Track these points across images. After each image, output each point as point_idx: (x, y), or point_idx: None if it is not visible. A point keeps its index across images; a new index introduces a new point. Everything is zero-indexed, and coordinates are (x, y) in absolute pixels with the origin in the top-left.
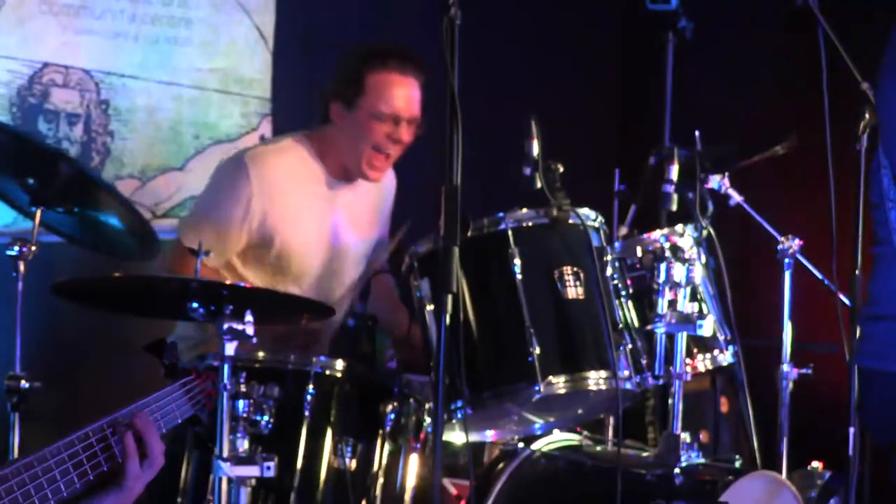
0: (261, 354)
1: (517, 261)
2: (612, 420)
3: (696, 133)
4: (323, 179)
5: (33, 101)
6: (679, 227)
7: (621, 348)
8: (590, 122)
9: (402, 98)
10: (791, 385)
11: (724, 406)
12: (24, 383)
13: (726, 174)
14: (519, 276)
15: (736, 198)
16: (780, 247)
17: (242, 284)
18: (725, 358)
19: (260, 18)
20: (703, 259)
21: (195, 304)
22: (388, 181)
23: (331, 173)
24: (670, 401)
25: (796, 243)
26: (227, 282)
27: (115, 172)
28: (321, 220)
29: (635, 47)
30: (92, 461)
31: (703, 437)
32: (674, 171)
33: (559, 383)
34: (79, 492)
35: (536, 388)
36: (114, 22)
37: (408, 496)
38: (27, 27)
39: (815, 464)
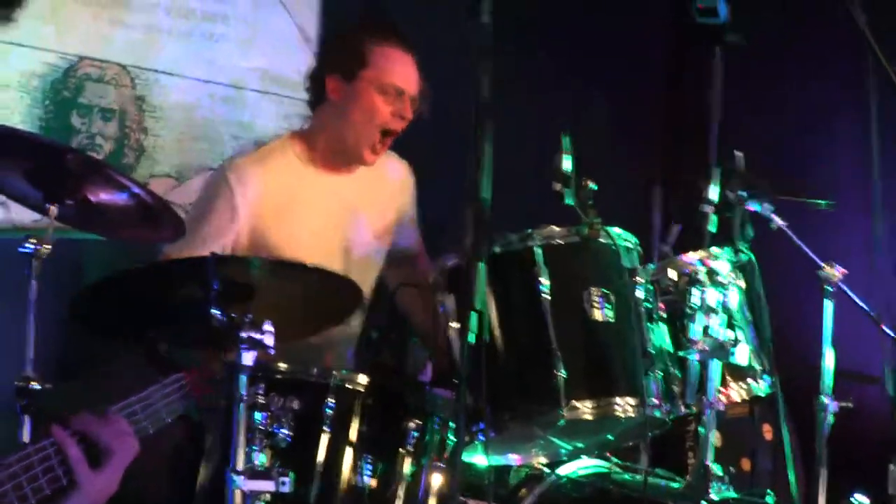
0: (282, 365)
1: (544, 280)
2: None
3: (738, 154)
4: (316, 178)
5: (67, 95)
6: (716, 250)
7: (651, 374)
8: (634, 136)
9: (406, 73)
10: (831, 417)
11: (767, 434)
12: (34, 385)
13: (769, 198)
14: (546, 296)
15: (778, 222)
16: (821, 273)
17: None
18: (761, 388)
19: (302, 17)
20: (742, 284)
21: (216, 311)
22: (400, 170)
23: (325, 167)
24: (701, 430)
25: (839, 271)
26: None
27: (150, 170)
28: (328, 224)
29: (683, 61)
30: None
31: (744, 464)
32: (713, 192)
33: (584, 408)
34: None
35: (560, 412)
36: (149, 15)
37: None
38: (60, 16)
39: (860, 498)
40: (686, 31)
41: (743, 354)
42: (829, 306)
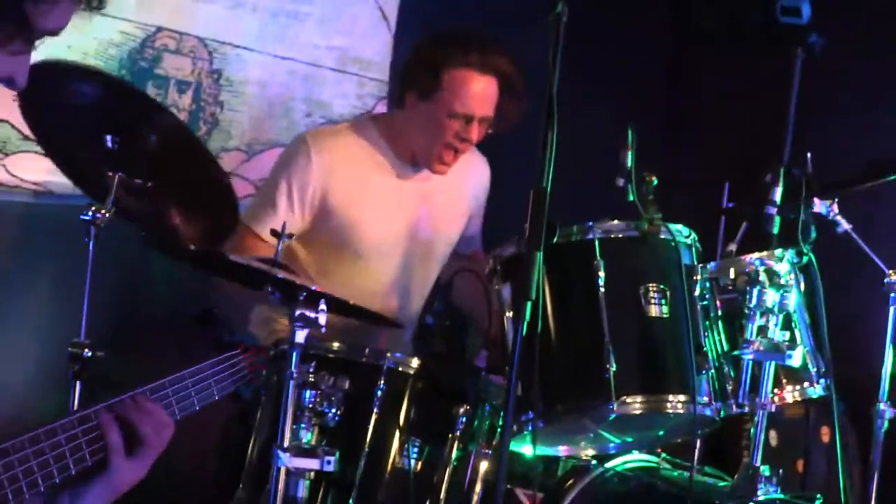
0: (335, 345)
1: (602, 273)
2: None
3: (808, 155)
4: (388, 163)
5: (144, 66)
6: (778, 252)
7: (704, 372)
8: (705, 133)
9: (478, 97)
10: (886, 424)
11: (824, 436)
12: (87, 352)
13: (835, 200)
14: (602, 290)
15: (844, 225)
16: (886, 280)
17: (314, 288)
18: (816, 391)
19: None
20: (802, 286)
21: (270, 289)
22: (479, 172)
23: (399, 156)
24: (752, 430)
25: None
26: (298, 280)
27: (222, 144)
28: (396, 209)
29: (762, 60)
30: (76, 454)
31: (799, 465)
32: (777, 193)
33: (634, 403)
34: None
35: (611, 406)
36: None
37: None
38: None
39: None
40: (774, 31)
41: (798, 356)
42: (892, 312)
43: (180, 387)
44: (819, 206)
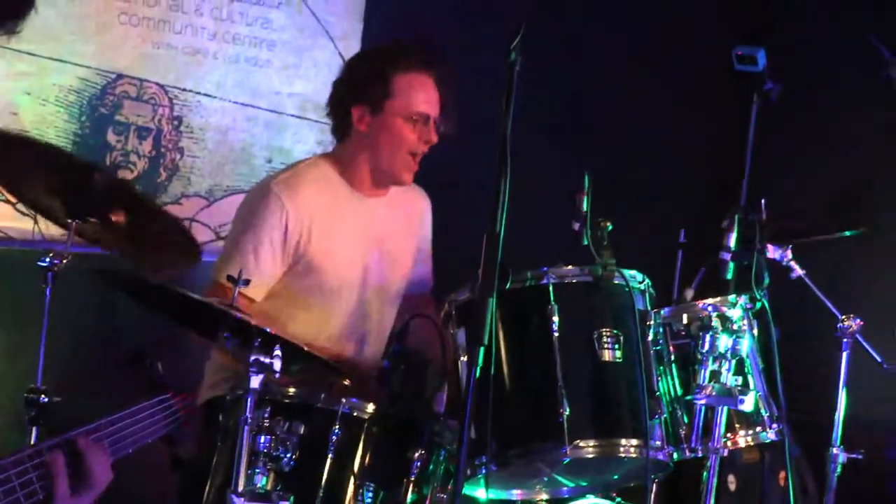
0: (291, 390)
1: (555, 318)
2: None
3: (762, 201)
4: (346, 201)
5: (104, 112)
6: (731, 297)
7: (657, 416)
8: (665, 176)
9: (430, 98)
10: (840, 468)
11: (782, 480)
12: (43, 397)
13: (789, 246)
14: (556, 334)
15: (798, 271)
16: (839, 325)
17: (269, 330)
18: (769, 435)
19: (345, 45)
20: (755, 331)
21: (227, 335)
22: (423, 207)
23: (355, 189)
24: (704, 474)
25: (857, 323)
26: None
27: (182, 190)
28: (356, 250)
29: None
30: (27, 488)
31: None
32: (732, 239)
33: (588, 447)
34: None
35: (563, 450)
36: (194, 38)
37: None
38: (106, 37)
39: None
40: (725, 78)
41: (750, 401)
42: (845, 357)
43: (114, 429)
44: (773, 252)
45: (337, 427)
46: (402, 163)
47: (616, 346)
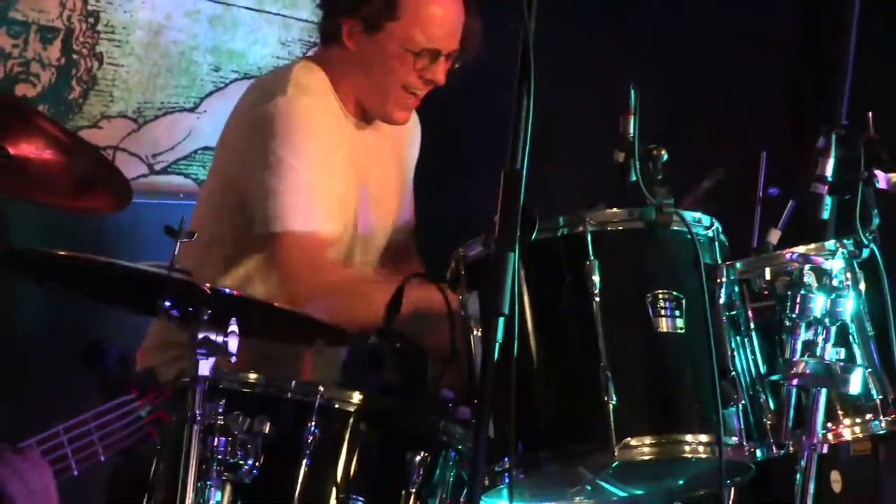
0: (251, 377)
1: (596, 277)
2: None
3: (869, 115)
4: (345, 121)
5: None
6: (829, 244)
7: (732, 404)
8: (736, 82)
9: (446, 25)
10: None
11: None
12: None
13: None
14: (597, 299)
15: None
16: None
17: (228, 291)
18: (882, 424)
19: None
20: (862, 288)
21: (168, 303)
22: (414, 130)
23: (345, 109)
24: (798, 477)
25: None
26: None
27: (102, 109)
28: (346, 190)
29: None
30: None
31: None
32: (829, 166)
33: (642, 447)
34: None
35: (609, 451)
36: None
37: None
38: None
39: None
40: None
41: (857, 381)
42: None
43: (58, 442)
44: (884, 181)
45: (313, 424)
46: (395, 99)
47: (676, 313)
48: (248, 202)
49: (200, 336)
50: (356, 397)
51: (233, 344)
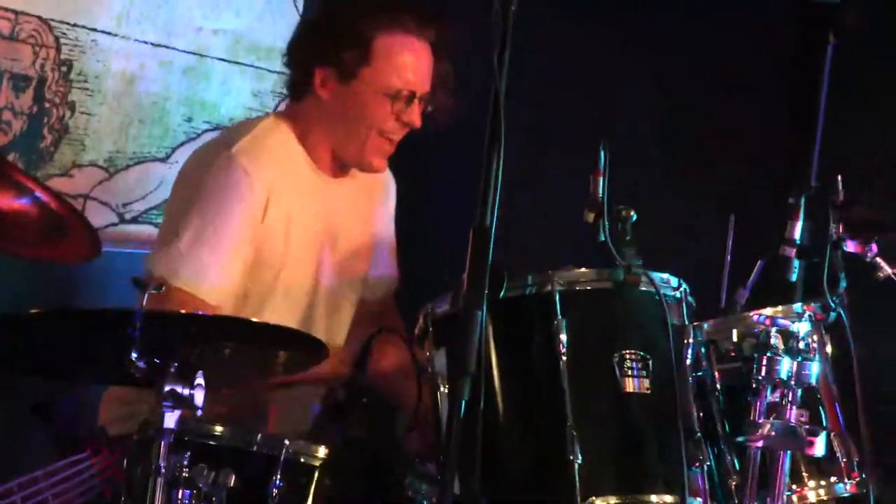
0: (217, 429)
1: (564, 336)
2: None
3: (839, 178)
4: (312, 178)
5: None
6: (796, 306)
7: (698, 465)
8: (709, 145)
9: (418, 68)
10: None
11: None
12: None
13: (874, 238)
14: (564, 358)
15: (886, 270)
16: None
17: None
18: (846, 488)
19: None
20: (829, 350)
21: (135, 355)
22: (388, 183)
23: (316, 163)
24: None
25: None
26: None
27: (74, 158)
28: (309, 244)
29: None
30: None
31: None
32: (797, 228)
33: None
34: None
35: None
36: None
37: None
38: None
39: None
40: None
41: (822, 443)
42: None
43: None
44: (852, 245)
45: (278, 477)
46: (373, 145)
47: (643, 373)
48: None
49: (167, 388)
50: (322, 451)
51: (199, 397)
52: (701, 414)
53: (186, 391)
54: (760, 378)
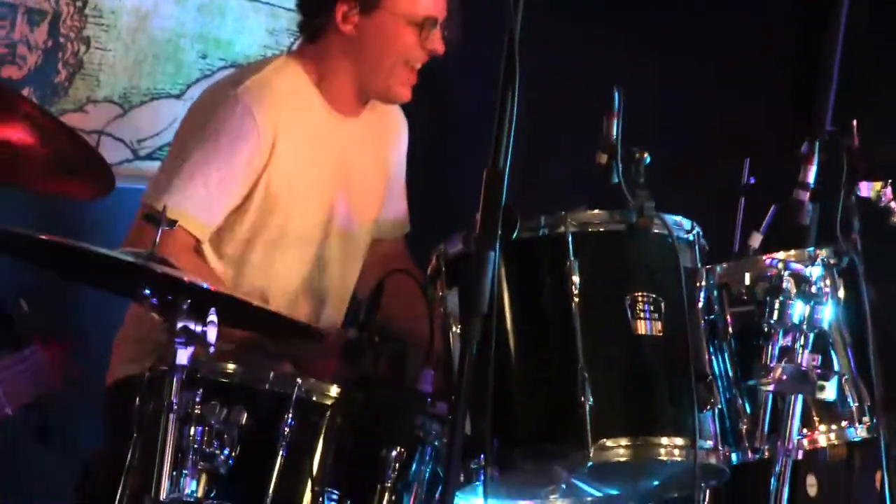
0: (230, 367)
1: (576, 278)
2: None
3: (854, 122)
4: (327, 119)
5: None
6: (809, 250)
7: (708, 408)
8: (722, 88)
9: None
10: None
11: (878, 483)
12: None
13: (889, 182)
14: (576, 300)
15: None
16: None
17: (206, 286)
18: (857, 432)
19: None
20: (841, 294)
21: (148, 291)
22: (399, 127)
23: (334, 107)
24: (773, 482)
25: None
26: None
27: (88, 93)
28: (323, 186)
29: None
30: None
31: None
32: (811, 172)
33: (617, 448)
34: None
35: (585, 452)
36: None
37: None
38: None
39: None
40: None
41: (833, 388)
42: None
43: None
44: (866, 189)
45: (290, 416)
46: (399, 75)
47: (655, 316)
48: None
49: (179, 325)
50: (333, 390)
51: (212, 334)
52: (712, 357)
53: (199, 328)
54: (772, 322)
